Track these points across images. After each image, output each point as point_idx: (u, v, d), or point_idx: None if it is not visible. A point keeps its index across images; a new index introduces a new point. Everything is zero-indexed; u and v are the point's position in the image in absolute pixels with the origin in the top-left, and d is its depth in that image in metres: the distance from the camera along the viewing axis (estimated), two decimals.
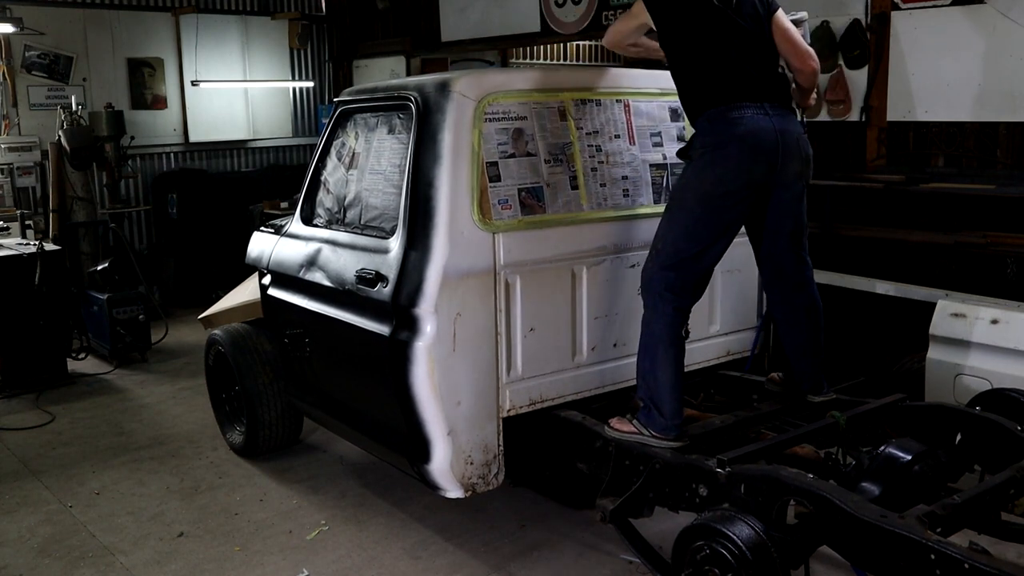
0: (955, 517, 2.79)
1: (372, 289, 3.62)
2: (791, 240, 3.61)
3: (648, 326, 3.49)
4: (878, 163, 5.48)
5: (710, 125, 3.39)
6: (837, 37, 5.54)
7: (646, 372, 3.49)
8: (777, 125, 3.38)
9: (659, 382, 3.43)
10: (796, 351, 3.74)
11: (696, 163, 3.42)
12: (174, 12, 9.22)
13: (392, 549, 4.03)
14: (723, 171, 3.35)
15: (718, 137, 3.36)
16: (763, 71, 3.46)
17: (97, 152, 8.01)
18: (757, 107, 3.36)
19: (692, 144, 3.48)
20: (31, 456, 5.25)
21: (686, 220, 3.41)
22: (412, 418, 3.50)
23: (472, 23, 8.27)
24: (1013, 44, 4.79)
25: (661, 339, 3.44)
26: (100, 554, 4.08)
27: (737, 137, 3.33)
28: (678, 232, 3.42)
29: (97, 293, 7.03)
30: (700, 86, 3.45)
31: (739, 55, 3.41)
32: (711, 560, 2.71)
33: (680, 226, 3.42)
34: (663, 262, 3.42)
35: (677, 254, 3.41)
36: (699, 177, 3.40)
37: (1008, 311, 4.10)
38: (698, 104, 3.45)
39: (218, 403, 5.28)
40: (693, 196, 3.41)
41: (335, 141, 4.25)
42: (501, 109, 3.61)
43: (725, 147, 3.35)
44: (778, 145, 3.37)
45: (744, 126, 3.33)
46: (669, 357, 3.43)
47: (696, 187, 3.41)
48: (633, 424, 3.47)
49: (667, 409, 3.40)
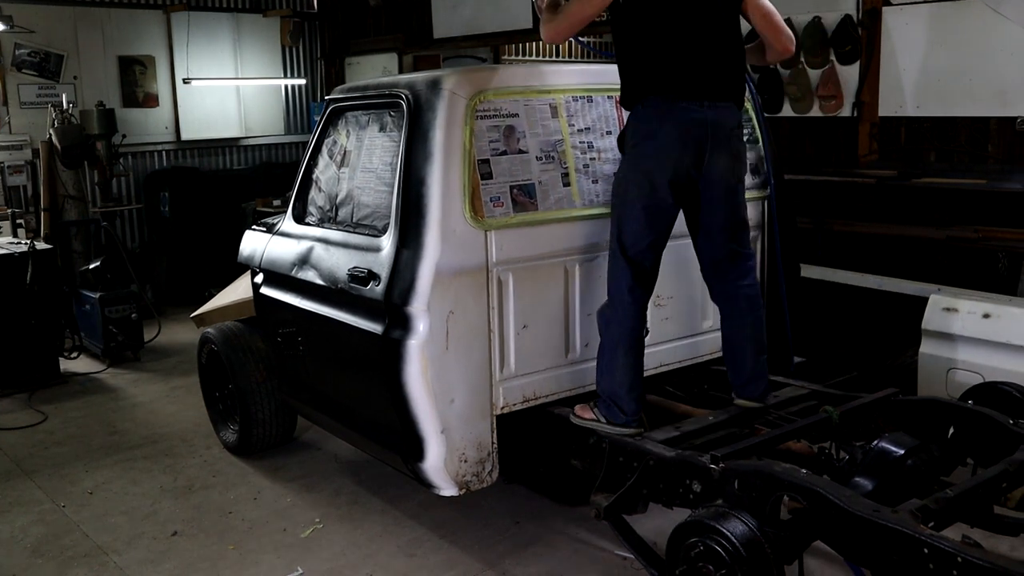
0: (948, 511, 2.80)
1: (364, 287, 3.62)
2: (725, 234, 3.59)
3: (609, 325, 3.51)
4: (870, 158, 5.48)
5: (643, 112, 3.40)
6: (828, 33, 5.54)
7: (605, 370, 3.53)
8: (710, 117, 3.38)
9: (617, 382, 3.48)
10: (737, 346, 3.71)
11: (629, 155, 3.47)
12: (165, 10, 9.19)
13: (386, 547, 4.03)
14: (655, 160, 3.39)
15: (648, 126, 3.38)
16: (716, 63, 3.42)
17: (88, 150, 7.97)
18: (695, 102, 3.36)
19: (625, 133, 3.50)
20: (24, 456, 5.23)
21: (630, 214, 3.44)
22: (405, 416, 3.50)
23: (464, 20, 8.25)
24: (1003, 39, 4.80)
25: (622, 340, 3.48)
26: (93, 554, 4.07)
27: (666, 127, 3.35)
28: (627, 226, 3.45)
29: (89, 292, 7.01)
30: (646, 72, 3.41)
31: (696, 46, 3.37)
32: (705, 556, 2.72)
33: (627, 220, 3.45)
34: (623, 255, 3.44)
35: (633, 248, 3.43)
36: (633, 168, 3.45)
37: (1000, 305, 4.11)
38: (639, 89, 3.43)
39: (211, 401, 5.27)
40: (631, 189, 3.44)
41: (327, 139, 4.24)
42: (492, 106, 3.60)
43: (655, 136, 3.37)
44: (707, 137, 3.38)
45: (675, 116, 3.35)
46: (629, 359, 3.49)
47: (632, 178, 3.44)
48: (593, 412, 3.55)
49: (626, 406, 3.47)
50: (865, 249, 5.28)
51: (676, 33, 3.37)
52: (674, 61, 3.37)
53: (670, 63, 3.37)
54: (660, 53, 3.38)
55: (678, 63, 3.37)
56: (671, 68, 3.37)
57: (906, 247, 5.10)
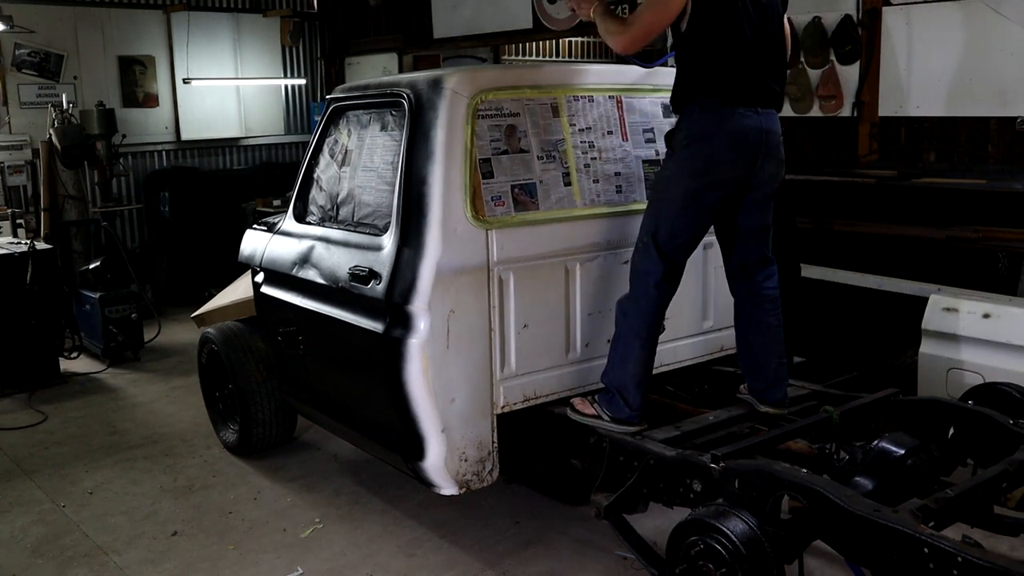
0: (948, 511, 2.80)
1: (365, 286, 3.62)
2: (756, 237, 3.62)
3: (627, 316, 3.50)
4: (870, 158, 5.49)
5: (700, 114, 3.38)
6: (828, 33, 5.54)
7: (617, 362, 3.52)
8: (764, 125, 3.40)
9: (628, 374, 3.48)
10: (759, 350, 3.70)
11: (680, 154, 3.43)
12: (165, 10, 9.19)
13: (387, 546, 4.03)
14: (707, 163, 3.37)
15: (705, 128, 3.37)
16: (769, 73, 3.45)
17: (88, 150, 7.97)
18: (750, 108, 3.38)
19: (677, 132, 3.47)
20: (24, 456, 5.23)
21: (671, 211, 3.43)
22: (406, 415, 3.50)
23: (464, 20, 8.26)
24: (1003, 39, 4.80)
25: (639, 333, 3.47)
26: (93, 554, 4.07)
27: (724, 131, 3.35)
28: (666, 223, 3.44)
29: (89, 292, 7.01)
30: (704, 74, 3.39)
31: (756, 54, 3.39)
32: (705, 555, 2.72)
33: (668, 217, 3.44)
34: (657, 252, 3.43)
35: (668, 244, 3.43)
36: (683, 168, 3.41)
37: (1000, 305, 4.11)
38: (694, 91, 3.41)
39: (211, 401, 5.27)
40: (677, 187, 3.43)
41: (328, 138, 4.24)
42: (494, 106, 3.60)
43: (711, 139, 3.36)
44: (761, 144, 3.40)
45: (733, 121, 3.35)
46: (644, 352, 3.48)
47: (680, 178, 3.42)
48: (594, 407, 3.53)
49: (631, 399, 3.46)
50: (865, 249, 5.27)
51: (741, 41, 3.36)
52: (736, 67, 3.37)
53: (732, 69, 3.37)
54: (723, 58, 3.37)
55: (740, 70, 3.37)
56: (733, 74, 3.36)
57: (906, 247, 5.10)
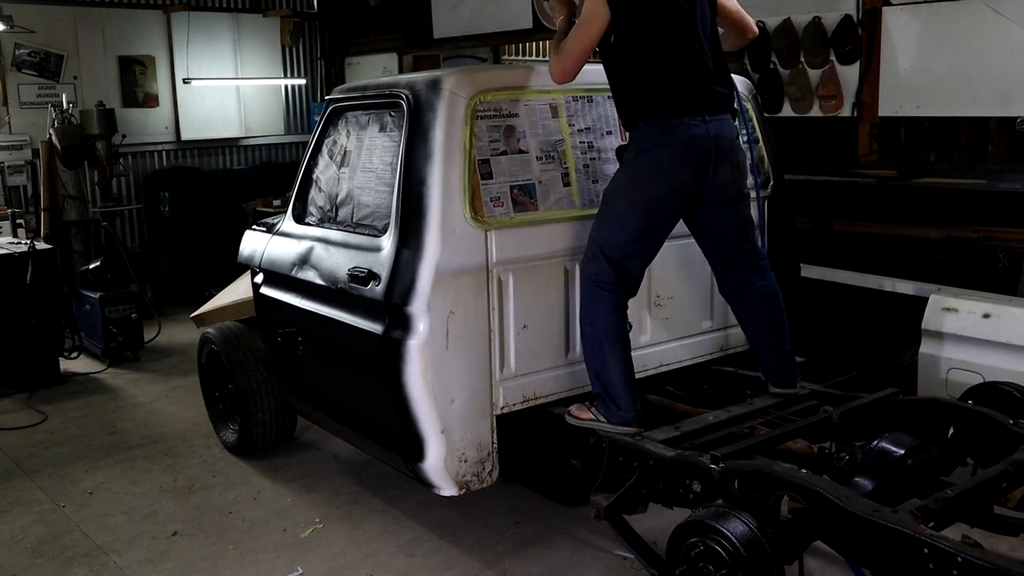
0: (948, 511, 2.80)
1: (365, 287, 3.62)
2: (734, 235, 3.63)
3: (591, 324, 3.52)
4: (870, 158, 5.49)
5: (647, 129, 3.39)
6: (828, 33, 5.54)
7: (598, 369, 3.53)
8: (712, 132, 3.40)
9: (611, 378, 3.49)
10: (760, 341, 3.79)
11: (628, 166, 3.46)
12: (165, 10, 9.19)
13: (386, 547, 4.03)
14: (654, 175, 3.39)
15: (652, 141, 3.38)
16: (710, 76, 3.44)
17: (88, 150, 7.98)
18: (697, 117, 3.38)
19: (628, 147, 3.50)
20: (24, 456, 5.23)
21: (618, 222, 3.45)
22: (406, 416, 3.50)
23: (464, 20, 8.26)
24: (1003, 39, 4.80)
25: (606, 336, 3.49)
26: (93, 554, 4.07)
27: (671, 142, 3.36)
28: (613, 234, 3.45)
29: (89, 292, 7.01)
30: (643, 89, 3.40)
31: (693, 61, 3.39)
32: (705, 556, 2.71)
33: (614, 228, 3.45)
34: (607, 260, 3.44)
35: (616, 253, 3.44)
36: (630, 180, 3.45)
37: (1000, 305, 4.11)
38: (638, 107, 3.42)
39: (211, 401, 5.27)
40: (625, 199, 3.45)
41: (327, 139, 4.24)
42: (493, 106, 3.60)
43: (658, 150, 3.37)
44: (711, 153, 3.41)
45: (680, 133, 3.36)
46: (617, 352, 3.50)
47: (627, 190, 3.45)
48: (591, 412, 3.56)
49: (623, 402, 3.48)
50: (865, 249, 5.28)
51: (671, 49, 3.36)
52: (673, 77, 3.37)
53: (670, 79, 3.37)
54: (659, 70, 3.38)
55: (678, 79, 3.37)
56: (672, 84, 3.37)
57: (906, 247, 5.10)
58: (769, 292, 3.72)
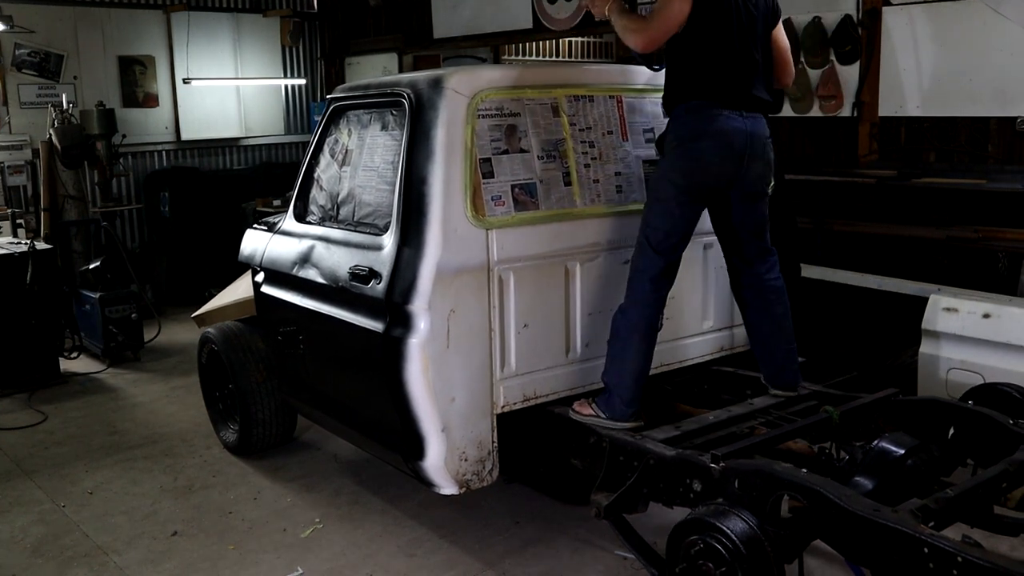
0: (948, 511, 2.80)
1: (366, 286, 3.62)
2: (752, 232, 3.75)
3: (626, 313, 3.58)
4: (870, 158, 5.49)
5: (687, 116, 3.50)
6: (828, 33, 5.55)
7: (615, 356, 3.59)
8: (748, 127, 3.51)
9: (627, 370, 3.55)
10: (766, 337, 3.83)
11: (670, 155, 3.55)
12: (165, 10, 9.19)
13: (387, 546, 4.03)
14: (696, 164, 3.49)
15: (693, 130, 3.48)
16: (755, 82, 3.55)
17: (88, 150, 7.97)
18: (735, 111, 3.49)
19: (667, 135, 3.58)
20: (24, 456, 5.23)
21: (662, 211, 3.55)
22: (406, 415, 3.50)
23: (464, 20, 8.26)
24: (1003, 39, 4.80)
25: (638, 328, 3.55)
26: (93, 554, 4.07)
27: (710, 133, 3.46)
28: (660, 221, 3.54)
29: (89, 292, 7.01)
30: (691, 77, 3.51)
31: (742, 62, 3.51)
32: (705, 555, 2.72)
33: (661, 215, 3.55)
34: (653, 250, 3.53)
35: (664, 241, 3.53)
36: (673, 168, 3.53)
37: (1000, 305, 4.11)
38: (681, 93, 3.53)
39: (211, 401, 5.27)
40: (668, 186, 3.54)
41: (328, 138, 4.24)
42: (494, 105, 3.61)
43: (699, 140, 3.47)
44: (746, 147, 3.51)
45: (718, 123, 3.45)
46: (642, 347, 3.57)
47: (670, 178, 3.53)
48: (592, 407, 3.60)
49: (626, 396, 3.53)
50: (865, 249, 5.27)
51: (730, 48, 3.48)
52: (725, 73, 3.48)
53: (721, 74, 3.48)
54: (713, 63, 3.48)
55: (728, 75, 3.49)
56: (721, 78, 3.47)
57: (906, 247, 5.10)
58: (780, 286, 3.81)
